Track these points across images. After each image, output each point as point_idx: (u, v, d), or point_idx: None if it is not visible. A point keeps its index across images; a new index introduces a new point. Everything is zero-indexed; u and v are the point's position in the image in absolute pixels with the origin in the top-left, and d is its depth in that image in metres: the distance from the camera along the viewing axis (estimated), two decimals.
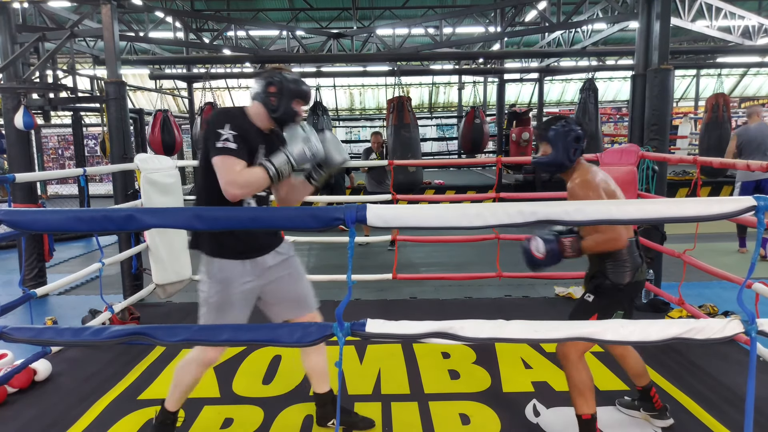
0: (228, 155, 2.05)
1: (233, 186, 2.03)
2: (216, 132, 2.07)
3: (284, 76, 2.21)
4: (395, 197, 4.65)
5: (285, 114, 2.21)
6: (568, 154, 2.36)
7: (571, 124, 2.39)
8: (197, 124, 8.14)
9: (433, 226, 1.56)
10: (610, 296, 2.34)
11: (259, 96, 2.22)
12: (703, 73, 16.86)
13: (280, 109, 2.20)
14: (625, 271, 2.32)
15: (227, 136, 2.06)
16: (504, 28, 10.27)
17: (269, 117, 2.22)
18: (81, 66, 10.98)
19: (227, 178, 2.04)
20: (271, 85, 2.19)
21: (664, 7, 4.73)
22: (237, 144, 2.07)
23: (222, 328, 1.62)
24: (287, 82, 2.19)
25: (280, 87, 2.19)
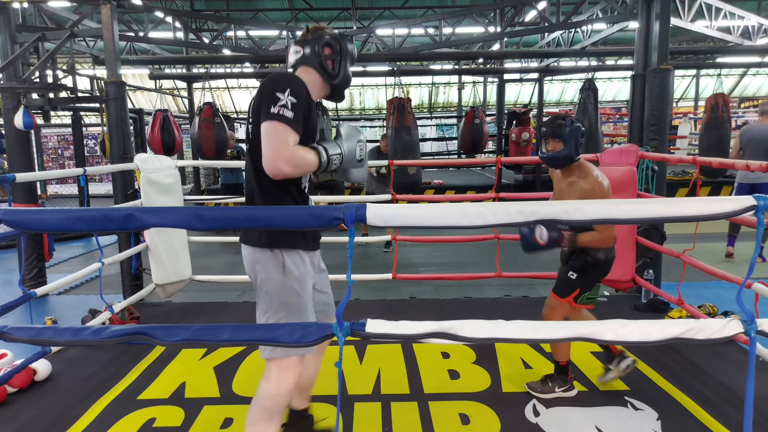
0: (280, 122, 1.72)
1: (281, 159, 1.72)
2: (274, 95, 1.74)
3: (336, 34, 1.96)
4: (395, 197, 4.65)
5: (344, 79, 1.99)
6: (577, 149, 2.64)
7: (577, 122, 2.69)
8: (195, 124, 8.13)
9: (433, 226, 1.56)
10: (591, 272, 2.72)
11: (311, 60, 1.91)
12: (702, 73, 16.88)
13: (340, 74, 1.95)
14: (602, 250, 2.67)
15: (285, 101, 1.72)
16: (504, 28, 10.27)
17: (324, 84, 1.96)
18: (81, 66, 10.98)
19: (275, 148, 1.71)
20: (328, 45, 1.92)
21: (664, 7, 4.73)
22: (294, 113, 1.74)
23: (222, 328, 1.62)
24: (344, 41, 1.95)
25: (339, 47, 1.94)
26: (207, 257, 6.85)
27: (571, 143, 2.60)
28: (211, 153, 8.01)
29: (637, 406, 2.76)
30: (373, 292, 4.97)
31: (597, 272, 2.72)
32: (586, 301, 2.78)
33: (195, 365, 3.39)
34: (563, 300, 2.77)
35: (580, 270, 2.71)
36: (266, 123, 1.74)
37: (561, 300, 2.78)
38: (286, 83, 1.77)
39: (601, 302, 4.54)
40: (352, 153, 1.92)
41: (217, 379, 3.18)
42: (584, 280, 2.71)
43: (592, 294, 2.78)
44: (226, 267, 6.47)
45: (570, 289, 2.74)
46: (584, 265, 2.69)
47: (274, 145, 1.72)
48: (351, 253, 1.55)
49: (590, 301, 2.79)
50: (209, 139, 7.93)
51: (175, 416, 2.76)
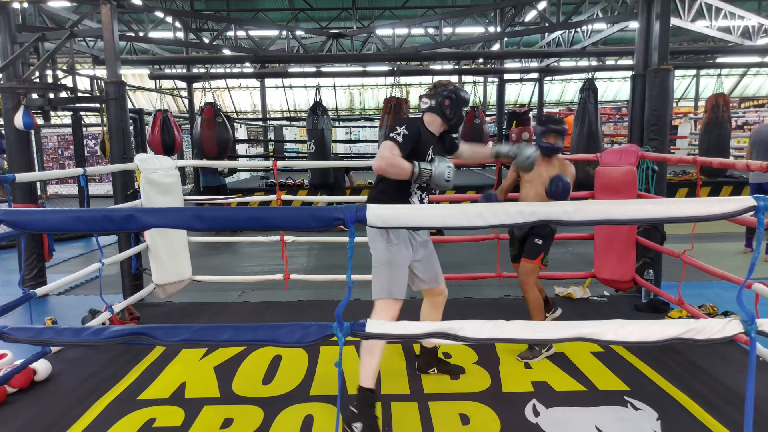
0: (392, 142, 2.57)
1: (381, 159, 2.54)
2: (394, 128, 2.63)
3: (455, 89, 2.77)
4: None
5: (458, 120, 2.80)
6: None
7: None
8: (197, 124, 8.13)
9: (433, 226, 1.56)
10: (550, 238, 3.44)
11: (435, 108, 2.77)
12: (702, 73, 16.89)
13: (455, 117, 2.78)
14: None
15: (400, 131, 2.60)
16: (504, 28, 10.27)
17: (443, 123, 2.80)
18: (81, 66, 10.98)
19: (381, 153, 2.57)
20: (447, 98, 2.74)
21: (664, 7, 4.73)
22: (403, 140, 2.58)
23: (222, 328, 1.62)
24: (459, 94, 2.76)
25: (454, 99, 2.74)
26: (207, 257, 6.85)
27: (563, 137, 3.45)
28: (212, 153, 8.01)
29: (637, 406, 2.76)
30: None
31: (551, 238, 3.45)
32: (546, 263, 3.48)
33: (195, 365, 3.39)
34: (534, 261, 3.39)
35: (544, 237, 3.40)
36: (384, 141, 2.61)
37: (532, 262, 3.39)
38: (404, 123, 2.65)
39: (602, 302, 4.54)
40: (441, 173, 2.64)
41: (217, 379, 3.18)
42: (546, 244, 3.41)
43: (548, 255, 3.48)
44: (226, 267, 6.47)
45: (538, 252, 3.39)
46: (545, 232, 3.39)
47: (381, 151, 2.58)
48: (351, 253, 1.55)
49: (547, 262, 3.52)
50: (210, 139, 7.93)
51: (175, 416, 2.76)
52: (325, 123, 8.58)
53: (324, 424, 2.66)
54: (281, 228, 1.56)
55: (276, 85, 20.16)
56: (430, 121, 2.79)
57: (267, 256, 6.92)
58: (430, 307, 3.13)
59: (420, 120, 2.78)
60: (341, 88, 21.06)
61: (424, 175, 2.60)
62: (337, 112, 18.99)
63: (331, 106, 19.62)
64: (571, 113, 13.49)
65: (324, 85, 16.36)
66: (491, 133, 11.52)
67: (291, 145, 17.35)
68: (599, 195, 4.41)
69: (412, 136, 2.60)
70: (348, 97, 21.99)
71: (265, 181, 11.36)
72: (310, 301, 4.75)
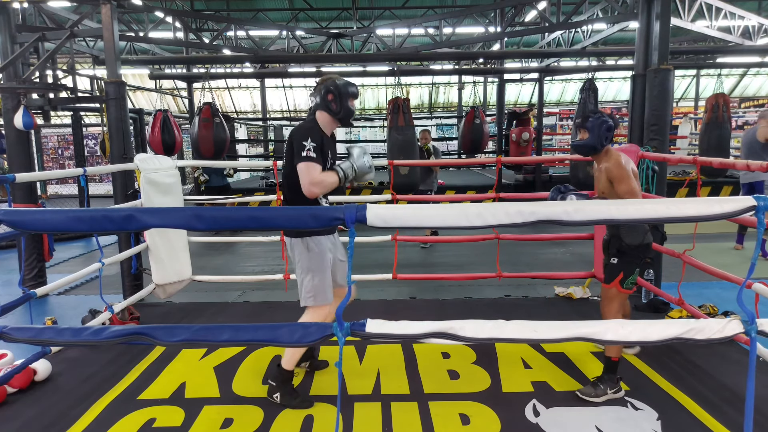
0: (310, 162, 2.59)
1: (314, 185, 2.59)
2: (300, 144, 2.60)
3: (335, 82, 2.70)
4: (395, 197, 4.65)
5: (346, 113, 2.73)
6: (601, 139, 2.92)
7: (605, 117, 2.95)
8: (195, 124, 8.13)
9: (433, 226, 1.57)
10: (629, 256, 2.89)
11: (320, 105, 2.73)
12: (703, 73, 16.88)
13: (341, 110, 2.71)
14: (636, 234, 2.85)
15: (309, 146, 2.60)
16: (504, 28, 10.26)
17: (333, 120, 2.75)
18: (81, 66, 10.99)
19: (309, 179, 2.58)
20: (328, 92, 2.69)
21: (664, 7, 4.72)
22: (316, 153, 2.61)
23: (222, 328, 1.62)
24: (341, 86, 2.69)
25: (337, 92, 2.69)
26: (207, 257, 6.85)
27: (595, 134, 2.90)
28: (209, 153, 8.00)
29: (637, 406, 2.76)
30: (373, 292, 4.96)
31: (634, 256, 2.89)
32: (630, 285, 2.92)
33: (195, 365, 3.39)
34: (609, 286, 2.94)
35: (618, 254, 2.92)
36: (300, 164, 2.61)
37: (607, 286, 2.96)
38: (307, 134, 2.63)
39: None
40: (364, 166, 2.70)
41: (217, 379, 3.18)
42: (624, 263, 2.90)
43: (633, 278, 2.91)
44: (226, 267, 6.47)
45: (613, 273, 2.93)
46: (619, 249, 2.90)
47: (308, 177, 2.59)
48: (351, 253, 1.55)
49: (633, 285, 2.93)
50: (207, 139, 7.93)
51: (175, 416, 2.76)
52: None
53: (324, 424, 2.66)
54: (281, 228, 1.57)
55: (276, 85, 20.16)
56: (321, 119, 2.77)
57: (267, 256, 6.92)
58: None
59: (314, 122, 2.75)
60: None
61: (348, 175, 2.70)
62: None
63: None
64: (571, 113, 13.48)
65: None
66: (491, 133, 11.51)
67: None
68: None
69: (318, 146, 2.64)
70: None
71: (265, 181, 11.35)
72: None
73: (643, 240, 2.88)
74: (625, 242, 2.87)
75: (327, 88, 2.69)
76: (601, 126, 2.90)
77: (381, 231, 6.58)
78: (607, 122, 2.92)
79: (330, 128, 2.79)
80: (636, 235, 2.86)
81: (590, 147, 2.96)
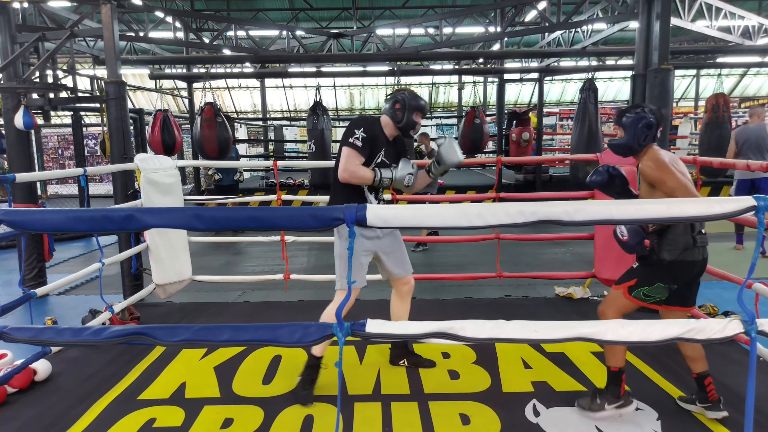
0: (352, 149, 2.76)
1: (345, 171, 2.77)
2: (352, 130, 2.78)
3: (406, 94, 2.88)
4: (395, 197, 4.65)
5: (407, 124, 2.88)
6: (637, 138, 2.63)
7: (644, 113, 2.64)
8: (197, 124, 8.13)
9: (433, 226, 1.56)
10: (654, 269, 2.55)
11: (387, 111, 2.92)
12: (703, 73, 16.86)
13: (403, 120, 2.88)
14: (668, 248, 2.52)
15: (358, 135, 2.76)
16: (504, 28, 10.27)
17: (395, 127, 2.91)
18: (81, 66, 10.98)
19: (344, 165, 2.77)
20: (396, 102, 2.88)
21: (664, 7, 4.73)
22: (363, 144, 2.76)
23: (222, 328, 1.62)
24: (409, 99, 2.86)
25: (404, 103, 2.86)
26: (207, 257, 6.85)
27: (631, 132, 2.64)
28: (213, 153, 8.00)
29: (637, 406, 2.76)
30: (373, 292, 4.96)
31: (660, 271, 2.54)
32: (643, 297, 2.57)
33: (195, 365, 3.39)
34: (618, 287, 2.64)
35: (644, 262, 2.61)
36: (344, 148, 2.79)
37: (615, 287, 2.66)
38: (362, 123, 2.82)
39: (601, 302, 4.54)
40: (402, 179, 2.82)
41: (217, 379, 3.18)
42: (645, 273, 2.58)
43: (650, 292, 2.56)
44: (226, 267, 6.47)
45: (629, 276, 2.63)
46: (648, 259, 2.59)
47: (344, 162, 2.78)
48: (351, 252, 1.55)
49: (647, 299, 2.57)
50: (211, 139, 7.92)
51: (175, 416, 2.76)
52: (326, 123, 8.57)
53: (324, 424, 2.66)
54: (281, 228, 1.56)
55: (276, 85, 20.15)
56: (385, 123, 2.94)
57: (267, 256, 6.92)
58: (396, 296, 3.25)
59: (377, 119, 2.95)
60: (341, 88, 21.04)
61: (384, 181, 2.81)
62: (337, 112, 18.94)
63: (331, 106, 19.59)
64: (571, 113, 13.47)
65: (324, 85, 16.32)
66: (491, 133, 11.51)
67: (291, 145, 17.34)
68: (599, 195, 4.41)
69: (369, 138, 2.78)
70: (348, 97, 21.97)
71: (265, 181, 11.36)
72: (310, 301, 4.75)
73: (678, 256, 2.51)
74: (656, 254, 2.54)
75: (396, 98, 2.89)
76: (638, 122, 2.61)
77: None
78: (646, 118, 2.61)
79: (390, 132, 2.94)
80: (671, 249, 2.51)
81: (626, 146, 2.68)
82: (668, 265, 2.51)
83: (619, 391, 2.62)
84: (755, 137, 5.92)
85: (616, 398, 2.62)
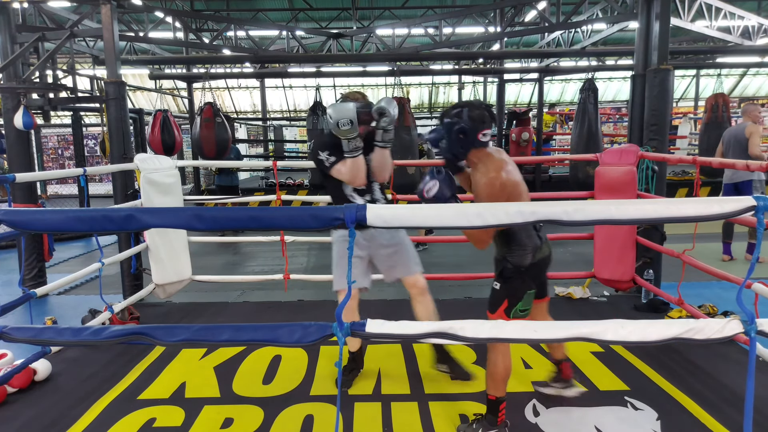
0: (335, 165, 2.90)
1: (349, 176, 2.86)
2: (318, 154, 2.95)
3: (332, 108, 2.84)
4: (395, 197, 4.65)
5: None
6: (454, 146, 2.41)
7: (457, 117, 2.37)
8: (196, 124, 8.13)
9: (433, 226, 1.56)
10: (516, 280, 2.42)
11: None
12: (702, 73, 16.87)
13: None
14: (523, 254, 2.41)
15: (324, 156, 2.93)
16: (504, 28, 10.26)
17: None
18: (81, 66, 10.97)
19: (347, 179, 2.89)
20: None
21: (664, 7, 4.72)
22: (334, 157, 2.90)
23: (222, 328, 1.62)
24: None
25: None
26: (207, 257, 6.85)
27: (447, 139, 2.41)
28: (211, 153, 8.00)
29: (637, 406, 2.76)
30: (373, 292, 4.95)
31: (523, 280, 2.42)
32: (520, 314, 2.42)
33: (195, 365, 3.39)
34: (494, 316, 2.45)
35: (502, 278, 2.44)
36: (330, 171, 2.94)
37: (492, 316, 2.46)
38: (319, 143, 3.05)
39: (601, 302, 4.54)
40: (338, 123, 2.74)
41: (217, 379, 3.18)
42: (511, 289, 2.41)
43: (524, 305, 2.43)
44: (226, 267, 6.47)
45: (497, 302, 2.44)
46: (503, 272, 2.43)
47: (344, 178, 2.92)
48: (351, 253, 1.55)
49: (524, 313, 2.44)
50: (210, 139, 7.92)
51: (175, 416, 2.76)
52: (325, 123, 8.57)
53: (324, 424, 2.66)
54: (281, 228, 1.56)
55: (276, 85, 20.15)
56: None
57: (267, 256, 6.92)
58: (413, 300, 3.20)
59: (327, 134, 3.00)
60: (341, 88, 21.04)
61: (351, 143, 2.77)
62: None
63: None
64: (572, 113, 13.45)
65: (324, 85, 16.30)
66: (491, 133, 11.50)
67: (291, 145, 17.34)
68: (599, 195, 4.41)
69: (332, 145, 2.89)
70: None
71: (265, 181, 11.36)
72: (310, 301, 4.75)
73: (532, 259, 2.40)
74: (510, 263, 2.40)
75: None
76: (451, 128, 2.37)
77: None
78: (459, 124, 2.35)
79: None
80: (523, 255, 2.40)
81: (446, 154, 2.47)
82: (527, 270, 2.41)
83: (496, 420, 2.48)
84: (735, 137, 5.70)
85: (493, 426, 2.48)
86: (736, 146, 5.63)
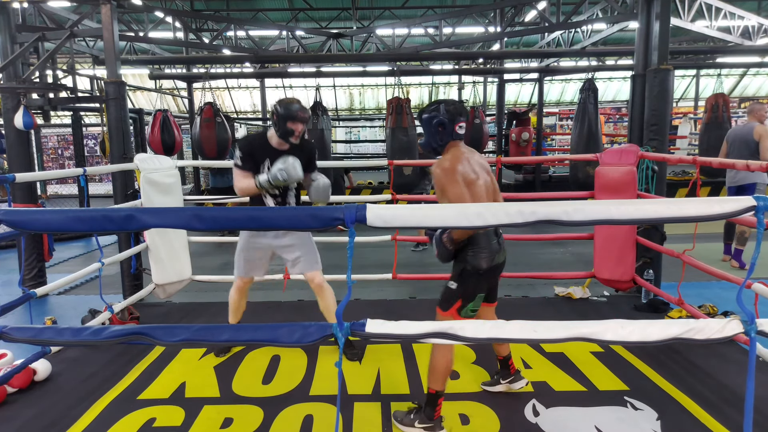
0: (236, 168, 3.14)
1: (235, 188, 3.17)
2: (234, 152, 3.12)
3: (278, 107, 3.08)
4: (395, 197, 4.65)
5: (284, 133, 3.09)
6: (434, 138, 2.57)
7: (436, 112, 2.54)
8: (196, 124, 8.13)
9: (432, 226, 1.57)
10: (472, 281, 2.48)
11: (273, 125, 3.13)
12: (702, 73, 16.86)
13: (280, 130, 3.09)
14: (483, 257, 2.47)
15: (237, 155, 3.12)
16: (504, 28, 10.27)
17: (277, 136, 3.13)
18: (81, 66, 10.98)
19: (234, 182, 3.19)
20: (272, 114, 3.10)
21: (664, 7, 4.72)
22: (242, 162, 3.12)
23: (222, 328, 1.62)
24: (280, 110, 3.05)
25: (277, 114, 3.06)
26: (207, 257, 6.85)
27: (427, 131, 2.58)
28: (212, 153, 8.00)
29: (637, 406, 2.76)
30: (373, 292, 4.97)
31: (477, 281, 2.48)
32: (471, 314, 2.49)
33: (195, 365, 3.39)
34: (446, 314, 2.49)
35: (460, 278, 2.49)
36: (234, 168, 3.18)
37: (443, 314, 2.50)
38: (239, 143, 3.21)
39: (601, 302, 4.54)
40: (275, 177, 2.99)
41: (217, 379, 3.18)
42: (465, 289, 2.48)
43: (475, 306, 2.50)
44: (226, 267, 6.47)
45: (450, 301, 2.49)
46: (462, 273, 2.48)
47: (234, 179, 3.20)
48: (351, 253, 1.55)
49: (474, 313, 2.51)
50: (210, 139, 7.92)
51: (175, 416, 2.76)
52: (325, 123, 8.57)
53: (324, 424, 2.66)
54: (281, 228, 1.56)
55: (276, 85, 20.12)
56: (270, 135, 3.17)
57: None
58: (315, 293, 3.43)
59: (263, 135, 3.20)
60: (341, 88, 21.04)
61: (264, 184, 3.04)
62: (337, 112, 18.91)
63: (331, 106, 19.61)
64: (571, 113, 13.44)
65: (324, 85, 16.30)
66: (491, 133, 11.51)
67: None
68: (599, 195, 4.41)
69: (246, 154, 3.10)
70: (348, 97, 21.97)
71: None
72: (310, 301, 4.74)
73: (489, 263, 2.47)
74: (470, 264, 2.45)
75: (272, 111, 3.13)
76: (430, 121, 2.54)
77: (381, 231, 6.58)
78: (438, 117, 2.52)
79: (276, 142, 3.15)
80: (485, 257, 2.46)
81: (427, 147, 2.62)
82: (484, 273, 2.47)
83: (433, 414, 2.52)
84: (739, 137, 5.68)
85: (429, 420, 2.52)
86: (742, 146, 5.61)
